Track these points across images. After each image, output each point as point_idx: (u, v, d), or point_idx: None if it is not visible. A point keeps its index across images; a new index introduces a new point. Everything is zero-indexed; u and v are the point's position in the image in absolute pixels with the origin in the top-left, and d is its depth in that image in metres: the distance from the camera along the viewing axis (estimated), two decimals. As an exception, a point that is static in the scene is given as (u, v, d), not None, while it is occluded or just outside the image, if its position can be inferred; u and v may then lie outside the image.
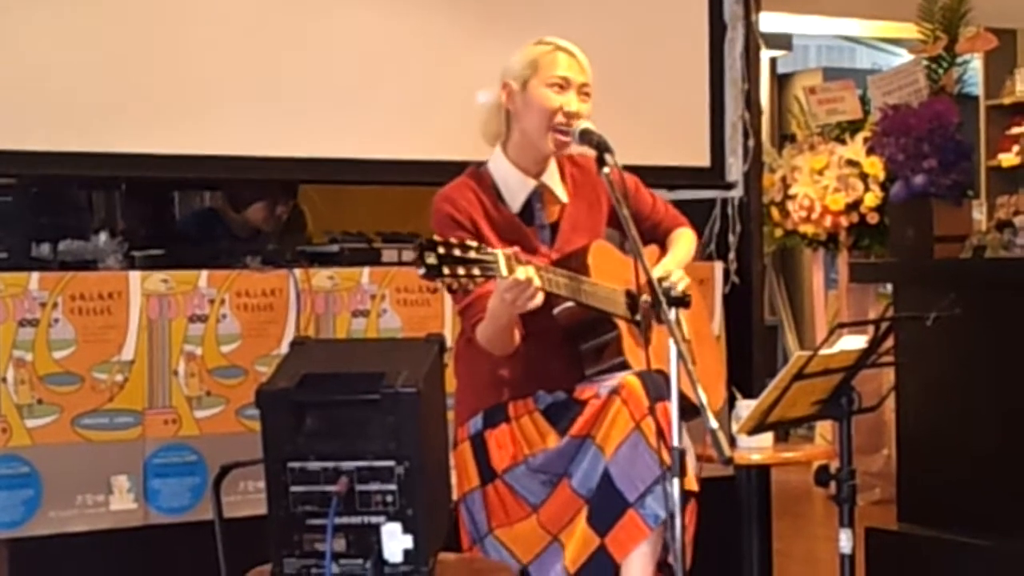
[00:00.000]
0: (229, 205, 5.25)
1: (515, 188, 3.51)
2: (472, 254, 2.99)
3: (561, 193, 3.56)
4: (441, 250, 2.95)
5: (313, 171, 4.38)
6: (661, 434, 3.13)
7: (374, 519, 2.79)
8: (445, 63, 4.42)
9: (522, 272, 3.10)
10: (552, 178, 3.55)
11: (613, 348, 3.45)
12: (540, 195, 3.54)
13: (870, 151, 6.42)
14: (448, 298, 4.16)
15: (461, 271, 2.96)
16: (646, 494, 3.22)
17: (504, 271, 3.06)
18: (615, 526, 3.24)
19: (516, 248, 3.16)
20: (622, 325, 3.45)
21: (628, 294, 3.48)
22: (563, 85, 3.44)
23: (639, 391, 3.25)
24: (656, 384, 3.22)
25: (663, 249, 3.74)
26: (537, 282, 3.12)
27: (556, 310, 3.41)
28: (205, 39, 4.11)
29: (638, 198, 3.70)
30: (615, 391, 3.29)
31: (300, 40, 4.24)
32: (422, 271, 2.93)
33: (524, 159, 3.51)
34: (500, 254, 3.07)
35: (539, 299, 3.15)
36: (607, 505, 3.25)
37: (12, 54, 3.84)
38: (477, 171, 3.53)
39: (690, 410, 3.01)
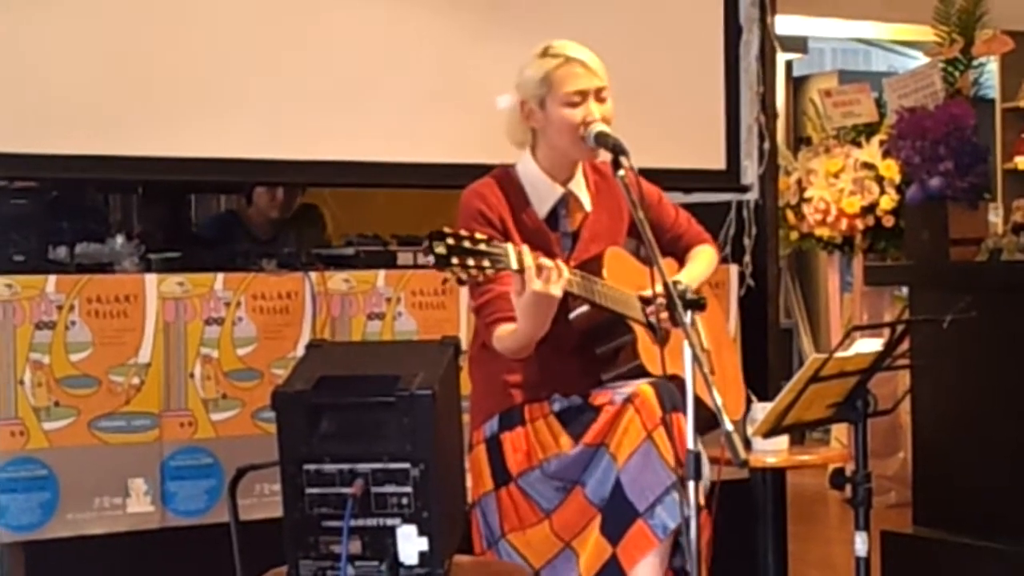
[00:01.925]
0: (246, 200, 5.32)
1: (543, 193, 3.51)
2: (482, 246, 3.00)
3: (586, 201, 3.56)
4: (451, 241, 2.96)
5: (326, 174, 4.39)
6: (674, 445, 3.13)
7: (390, 521, 2.79)
8: (457, 67, 4.42)
9: (535, 257, 3.11)
10: (579, 186, 3.56)
11: (628, 352, 3.44)
12: (566, 202, 3.54)
13: (886, 154, 6.41)
14: (463, 301, 4.16)
15: (471, 262, 2.97)
16: (656, 504, 3.21)
17: (514, 264, 3.06)
18: (625, 536, 3.24)
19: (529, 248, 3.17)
20: (638, 329, 3.45)
21: (643, 298, 3.47)
22: (579, 99, 3.43)
23: (652, 400, 3.25)
24: (671, 394, 3.22)
25: (681, 264, 3.73)
26: (550, 261, 3.13)
27: (572, 314, 3.41)
28: (219, 44, 4.11)
29: (660, 209, 3.70)
30: (629, 399, 3.28)
31: (314, 44, 4.24)
32: (431, 260, 2.94)
33: (554, 166, 3.51)
34: (509, 247, 3.08)
35: (566, 273, 3.15)
36: (618, 514, 3.25)
37: (29, 59, 3.85)
38: (506, 172, 3.53)
39: (706, 421, 3.00)
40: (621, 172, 3.24)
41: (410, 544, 2.79)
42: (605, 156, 3.43)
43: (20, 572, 3.81)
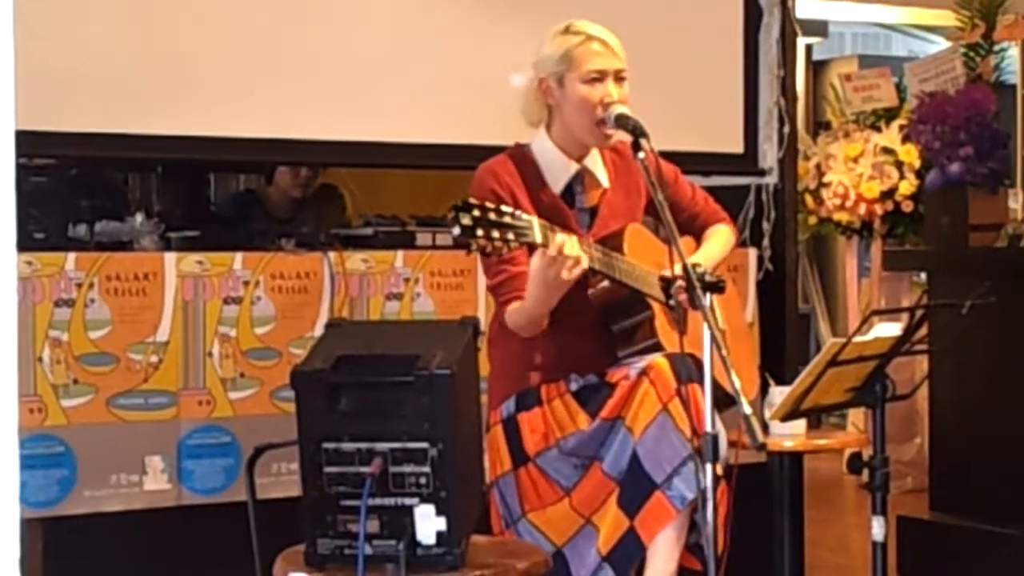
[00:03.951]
0: (265, 179, 5.33)
1: (558, 170, 3.51)
2: (507, 219, 3.02)
3: (603, 178, 3.57)
4: (476, 212, 2.97)
5: (345, 154, 4.38)
6: (690, 416, 3.13)
7: (407, 501, 2.79)
8: (476, 46, 4.41)
9: (565, 243, 3.10)
10: (594, 162, 3.56)
11: (646, 329, 3.45)
12: (582, 178, 3.54)
13: (906, 139, 6.39)
14: (482, 282, 4.16)
15: (496, 234, 2.98)
16: (673, 476, 3.21)
17: (539, 237, 3.07)
18: (643, 508, 3.24)
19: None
20: (656, 307, 3.45)
21: (662, 278, 3.47)
22: (599, 78, 3.42)
23: (667, 372, 3.25)
24: (686, 366, 3.22)
25: (699, 243, 3.73)
26: (576, 251, 3.12)
27: (590, 290, 3.41)
28: (240, 23, 4.11)
29: (677, 188, 3.70)
30: (644, 372, 3.29)
31: (334, 25, 4.24)
32: (456, 231, 2.95)
33: (568, 143, 3.52)
34: (535, 221, 3.08)
35: (584, 263, 3.15)
36: (635, 487, 3.25)
37: (52, 37, 3.84)
38: (520, 150, 3.53)
39: (722, 400, 3.00)
40: (641, 154, 3.24)
41: (428, 524, 2.79)
42: (622, 136, 3.44)
43: (37, 548, 3.83)
